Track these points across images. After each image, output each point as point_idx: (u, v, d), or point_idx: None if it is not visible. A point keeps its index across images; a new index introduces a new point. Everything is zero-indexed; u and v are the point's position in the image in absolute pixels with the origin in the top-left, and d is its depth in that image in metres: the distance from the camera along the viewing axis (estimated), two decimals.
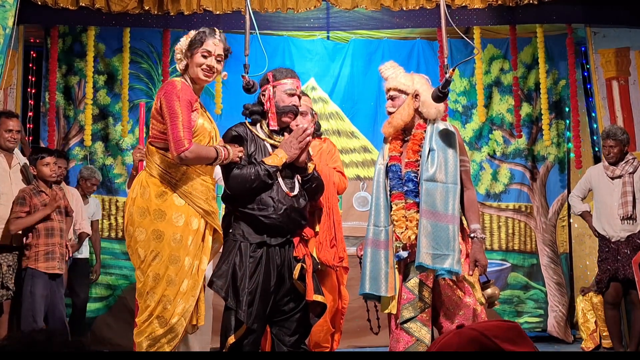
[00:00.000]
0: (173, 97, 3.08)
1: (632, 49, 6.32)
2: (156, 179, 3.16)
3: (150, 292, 3.12)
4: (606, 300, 5.41)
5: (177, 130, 3.04)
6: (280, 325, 3.43)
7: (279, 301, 3.40)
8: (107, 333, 6.19)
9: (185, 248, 3.15)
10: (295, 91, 3.48)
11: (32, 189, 4.81)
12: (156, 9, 6.03)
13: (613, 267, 5.31)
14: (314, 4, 6.09)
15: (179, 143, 3.04)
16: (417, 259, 3.18)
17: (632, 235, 5.27)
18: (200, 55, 3.22)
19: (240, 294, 3.25)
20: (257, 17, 4.33)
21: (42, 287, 4.70)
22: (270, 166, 3.32)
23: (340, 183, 4.26)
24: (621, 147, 5.36)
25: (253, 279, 3.28)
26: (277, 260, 3.37)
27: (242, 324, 3.25)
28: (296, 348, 3.42)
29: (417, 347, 3.22)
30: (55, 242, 4.79)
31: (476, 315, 3.27)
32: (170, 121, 3.06)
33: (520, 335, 1.35)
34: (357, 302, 4.20)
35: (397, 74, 3.49)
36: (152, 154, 3.20)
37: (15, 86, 6.07)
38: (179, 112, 3.06)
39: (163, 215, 3.13)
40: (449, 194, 3.25)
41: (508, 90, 6.81)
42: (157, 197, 3.14)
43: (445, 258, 3.16)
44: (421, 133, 3.39)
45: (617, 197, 5.31)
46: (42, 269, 4.71)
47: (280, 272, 3.38)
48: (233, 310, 3.26)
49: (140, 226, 3.14)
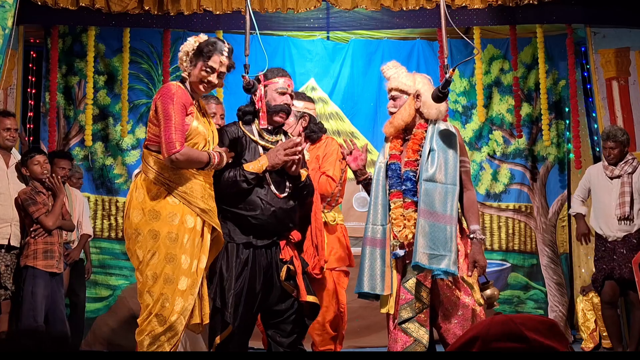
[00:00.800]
0: (167, 100, 3.13)
1: (632, 49, 6.32)
2: (151, 181, 3.20)
3: (149, 291, 3.15)
4: (603, 300, 5.41)
5: (170, 132, 3.09)
6: (275, 328, 3.46)
7: (271, 303, 3.42)
8: (107, 333, 6.19)
9: (182, 246, 3.17)
10: (287, 90, 3.51)
11: (31, 190, 4.83)
12: (156, 9, 6.02)
13: (609, 266, 5.31)
14: (314, 4, 6.09)
15: (170, 145, 3.09)
16: (413, 258, 3.19)
17: (629, 235, 5.27)
18: (203, 69, 3.25)
19: (226, 294, 3.29)
20: (257, 17, 4.33)
21: (43, 286, 4.71)
22: (250, 173, 3.34)
23: (325, 184, 4.21)
24: (621, 148, 5.37)
25: (239, 281, 3.32)
26: (263, 262, 3.40)
27: (229, 324, 3.28)
28: (293, 349, 3.44)
29: (415, 347, 3.22)
30: (54, 241, 4.82)
31: (475, 316, 3.27)
32: (163, 123, 3.12)
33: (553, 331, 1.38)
34: (357, 302, 4.20)
35: (399, 74, 3.51)
36: (147, 157, 3.24)
37: (15, 86, 6.07)
38: (172, 114, 3.11)
39: (157, 215, 3.17)
40: (447, 194, 3.26)
41: (508, 90, 6.81)
42: (151, 199, 3.18)
43: (442, 259, 3.17)
44: (422, 133, 3.41)
45: (615, 196, 5.31)
46: (41, 267, 4.72)
47: (267, 274, 3.41)
48: (219, 311, 3.30)
49: (137, 227, 3.18)
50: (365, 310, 6.11)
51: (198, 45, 3.25)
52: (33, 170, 4.82)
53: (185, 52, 3.28)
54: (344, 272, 4.40)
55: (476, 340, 1.36)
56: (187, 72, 3.28)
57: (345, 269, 4.42)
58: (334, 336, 4.33)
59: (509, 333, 1.35)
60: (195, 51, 3.25)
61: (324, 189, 4.21)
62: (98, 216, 6.35)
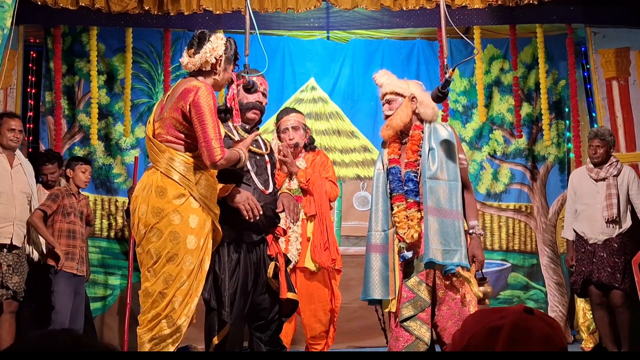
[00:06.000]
0: (204, 104, 3.11)
1: (632, 49, 6.31)
2: (175, 182, 3.17)
3: (162, 292, 3.13)
4: (592, 301, 5.42)
5: (210, 138, 3.10)
6: (256, 322, 3.55)
7: (255, 299, 3.48)
8: (106, 333, 6.19)
9: (198, 250, 3.18)
10: (259, 87, 3.58)
11: (65, 190, 5.21)
12: (156, 9, 6.02)
13: (587, 269, 5.30)
14: (314, 4, 6.08)
15: (214, 152, 3.10)
16: (426, 255, 3.24)
17: (610, 239, 5.26)
18: (230, 73, 3.36)
19: (222, 294, 3.32)
20: (257, 17, 4.32)
21: (65, 285, 5.02)
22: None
23: (331, 191, 4.60)
24: (607, 148, 5.36)
25: (233, 279, 3.37)
26: (253, 259, 3.46)
27: (225, 324, 3.32)
28: (273, 344, 3.54)
29: (417, 345, 3.26)
30: (77, 244, 5.14)
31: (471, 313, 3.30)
32: (201, 129, 3.11)
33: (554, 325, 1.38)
34: (357, 302, 4.27)
35: (392, 79, 3.61)
36: (173, 158, 3.19)
37: (15, 86, 6.07)
38: (210, 119, 3.11)
39: (180, 217, 3.15)
40: (452, 191, 3.34)
41: (508, 90, 6.81)
42: (175, 199, 3.15)
43: (454, 253, 3.25)
44: (419, 134, 3.49)
45: (601, 199, 5.29)
46: (63, 268, 5.02)
47: (257, 271, 3.47)
48: (215, 311, 3.33)
49: (155, 227, 3.14)
50: (366, 310, 6.06)
51: (229, 47, 3.30)
52: (77, 175, 5.28)
53: (212, 49, 3.24)
54: (336, 270, 4.64)
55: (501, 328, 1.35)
56: (219, 75, 3.30)
57: (339, 267, 4.66)
58: (327, 330, 4.62)
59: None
60: (231, 56, 3.31)
61: (336, 194, 4.68)
62: (97, 216, 6.34)
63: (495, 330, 1.34)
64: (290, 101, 6.67)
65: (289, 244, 4.41)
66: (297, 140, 4.59)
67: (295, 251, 4.44)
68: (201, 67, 3.27)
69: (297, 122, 4.64)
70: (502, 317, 1.36)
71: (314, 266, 4.51)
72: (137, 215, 3.20)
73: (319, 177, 4.58)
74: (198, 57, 3.24)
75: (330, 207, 4.72)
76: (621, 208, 5.27)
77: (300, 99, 6.77)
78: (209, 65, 3.27)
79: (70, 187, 5.26)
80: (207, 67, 3.27)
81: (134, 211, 3.23)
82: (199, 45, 3.26)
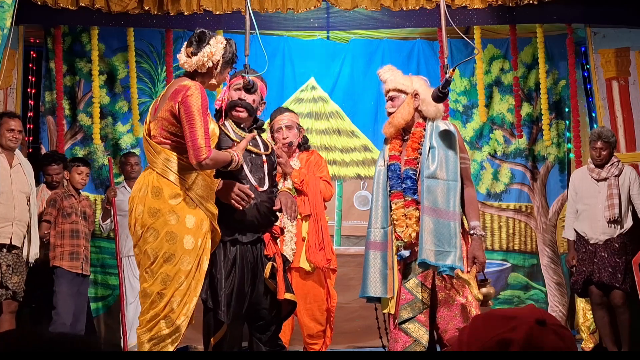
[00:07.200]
0: (192, 103, 3.10)
1: (632, 49, 6.31)
2: (170, 182, 3.16)
3: (160, 293, 3.13)
4: (593, 302, 5.41)
5: (197, 137, 3.07)
6: (255, 323, 3.53)
7: (253, 299, 3.46)
8: (106, 333, 6.19)
9: (195, 250, 3.17)
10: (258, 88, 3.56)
11: (64, 192, 5.25)
12: (156, 9, 6.02)
13: (588, 269, 5.29)
14: (314, 4, 6.08)
15: (199, 150, 3.07)
16: (419, 255, 3.21)
17: (611, 239, 5.26)
18: (227, 75, 3.38)
19: (218, 294, 3.31)
20: (257, 17, 4.33)
21: (67, 285, 5.05)
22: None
23: (326, 191, 4.61)
24: (610, 149, 5.35)
25: (229, 280, 3.35)
26: (250, 259, 3.44)
27: (222, 324, 3.31)
28: (272, 344, 3.52)
29: (415, 347, 3.24)
30: (80, 243, 5.20)
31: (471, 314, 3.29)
32: (188, 128, 3.08)
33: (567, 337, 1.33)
34: (357, 302, 4.26)
35: (396, 75, 3.55)
36: (168, 158, 3.18)
37: (15, 86, 6.06)
38: (198, 118, 3.08)
39: (177, 217, 3.14)
40: (450, 191, 3.29)
41: (508, 90, 6.81)
42: (171, 199, 3.14)
43: (448, 255, 3.19)
44: (420, 131, 3.44)
45: (603, 199, 5.28)
46: (66, 267, 5.08)
47: (254, 271, 3.45)
48: (212, 311, 3.33)
49: (151, 227, 3.14)
50: (365, 310, 6.04)
51: (226, 50, 3.27)
52: (74, 177, 5.34)
53: (211, 53, 3.22)
54: (331, 269, 4.66)
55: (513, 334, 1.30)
56: (215, 77, 3.29)
57: (334, 266, 4.69)
58: (324, 329, 4.61)
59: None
60: (229, 59, 3.29)
61: (330, 193, 4.68)
62: (97, 216, 6.33)
63: (504, 345, 1.28)
64: (290, 101, 6.67)
65: (284, 244, 4.40)
66: (291, 140, 4.57)
67: (290, 251, 4.41)
68: (197, 69, 3.26)
69: (291, 121, 4.62)
70: (513, 328, 1.29)
71: (309, 266, 4.50)
72: (133, 215, 3.20)
73: (314, 177, 4.57)
74: (195, 60, 3.22)
75: (325, 206, 4.70)
76: (622, 208, 5.27)
77: (301, 98, 6.77)
78: (205, 69, 3.26)
79: (68, 189, 5.32)
80: (203, 70, 3.26)
81: (131, 212, 3.22)
82: (197, 46, 3.23)
